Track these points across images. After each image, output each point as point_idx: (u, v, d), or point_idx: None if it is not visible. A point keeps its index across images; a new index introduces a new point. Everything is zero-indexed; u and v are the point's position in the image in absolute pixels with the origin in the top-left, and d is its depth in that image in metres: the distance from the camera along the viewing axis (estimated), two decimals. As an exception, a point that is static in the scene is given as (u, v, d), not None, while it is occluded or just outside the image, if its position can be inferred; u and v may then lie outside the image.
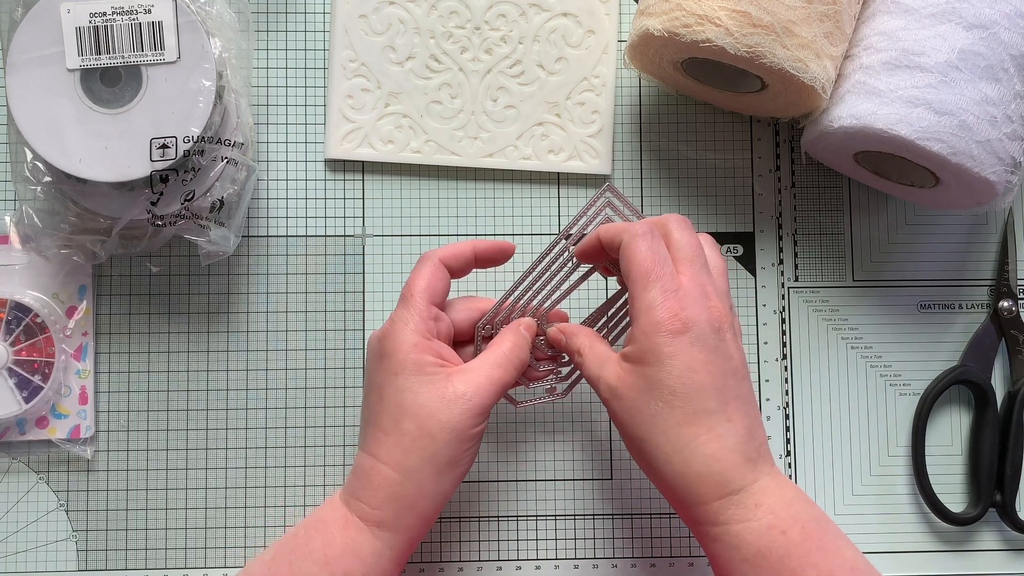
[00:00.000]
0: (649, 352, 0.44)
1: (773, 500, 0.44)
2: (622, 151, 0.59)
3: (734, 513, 0.44)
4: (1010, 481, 0.57)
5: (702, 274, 0.46)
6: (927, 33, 0.49)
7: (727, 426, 0.44)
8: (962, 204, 0.54)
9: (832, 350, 0.59)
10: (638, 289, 0.45)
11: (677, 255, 0.46)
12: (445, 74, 0.58)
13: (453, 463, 0.47)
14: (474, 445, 0.48)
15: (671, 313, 0.44)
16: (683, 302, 0.44)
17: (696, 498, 0.44)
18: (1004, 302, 0.58)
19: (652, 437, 0.44)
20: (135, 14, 0.50)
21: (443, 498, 0.48)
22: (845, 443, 0.58)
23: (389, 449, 0.47)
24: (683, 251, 0.46)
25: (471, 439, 0.47)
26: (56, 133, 0.50)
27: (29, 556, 0.56)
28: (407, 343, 0.47)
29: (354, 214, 0.58)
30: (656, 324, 0.44)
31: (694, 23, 0.48)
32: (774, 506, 0.44)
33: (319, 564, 0.46)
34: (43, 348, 0.55)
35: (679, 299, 0.44)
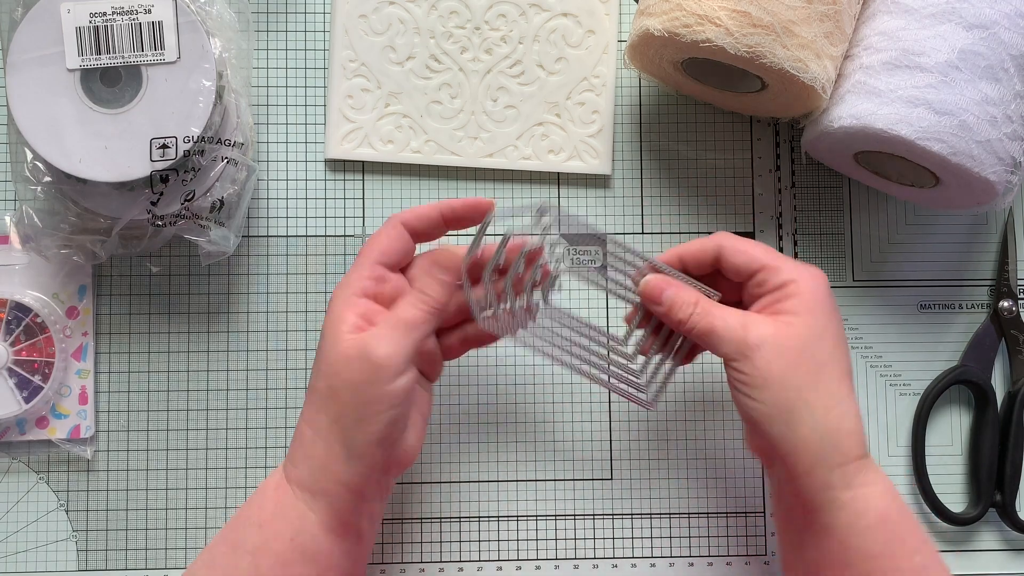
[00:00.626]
0: (817, 304, 0.46)
1: (881, 489, 0.45)
2: (622, 151, 0.59)
3: (866, 476, 0.45)
4: (1010, 481, 0.57)
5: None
6: (927, 33, 0.49)
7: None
8: (962, 204, 0.54)
9: (832, 350, 0.59)
10: (775, 261, 0.47)
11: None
12: (445, 74, 0.58)
13: (361, 423, 0.44)
14: (388, 406, 0.45)
15: (821, 275, 0.47)
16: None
17: (842, 457, 0.45)
18: (1004, 302, 0.58)
19: (813, 390, 0.45)
20: (135, 14, 0.50)
21: (363, 465, 0.45)
22: (845, 443, 0.58)
23: (307, 407, 0.47)
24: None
25: (380, 399, 0.44)
26: (56, 133, 0.50)
27: (29, 556, 0.56)
28: (336, 303, 0.46)
29: (354, 214, 0.58)
30: (819, 279, 0.47)
31: (694, 23, 0.48)
32: (880, 471, 0.46)
33: (254, 527, 0.46)
34: (43, 348, 0.55)
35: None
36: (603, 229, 0.59)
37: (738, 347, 0.46)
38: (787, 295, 0.46)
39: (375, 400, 0.44)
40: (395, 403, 0.45)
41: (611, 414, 0.58)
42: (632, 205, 0.59)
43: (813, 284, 0.47)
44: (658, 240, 0.59)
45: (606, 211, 0.59)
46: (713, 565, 0.57)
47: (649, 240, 0.59)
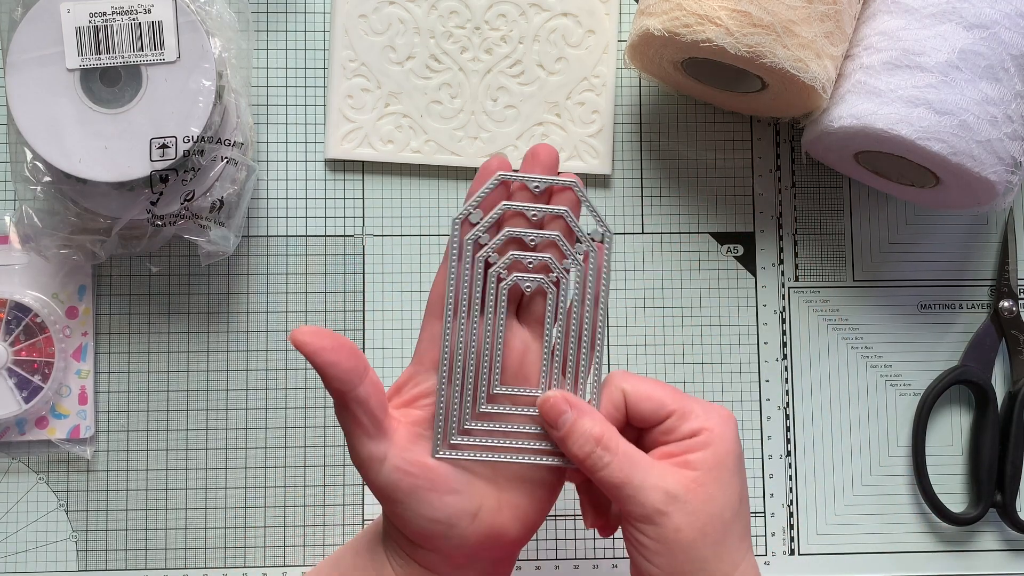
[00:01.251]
0: (728, 455, 0.42)
1: None
2: (622, 151, 0.59)
3: None
4: (1010, 481, 0.57)
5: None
6: (927, 33, 0.49)
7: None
8: (962, 204, 0.54)
9: (832, 350, 0.59)
10: (684, 404, 0.43)
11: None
12: (445, 74, 0.58)
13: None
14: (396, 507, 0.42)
15: (731, 420, 0.43)
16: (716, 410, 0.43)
17: None
18: (1004, 302, 0.58)
19: (717, 560, 0.41)
20: (135, 14, 0.50)
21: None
22: (845, 443, 0.58)
23: None
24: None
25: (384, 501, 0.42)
26: (56, 133, 0.50)
27: (29, 556, 0.56)
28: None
29: (354, 214, 0.58)
30: (729, 425, 0.42)
31: (694, 23, 0.48)
32: None
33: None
34: (43, 348, 0.55)
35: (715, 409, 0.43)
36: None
37: (649, 511, 0.40)
38: (697, 445, 0.42)
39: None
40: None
41: (611, 414, 0.58)
42: (632, 205, 0.59)
43: (723, 431, 0.42)
44: (658, 240, 0.59)
45: (606, 211, 0.59)
46: (713, 565, 0.57)
47: (649, 240, 0.59)
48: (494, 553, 0.44)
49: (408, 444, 0.42)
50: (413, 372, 0.44)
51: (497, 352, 0.43)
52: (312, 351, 0.40)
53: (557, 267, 0.43)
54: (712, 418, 0.42)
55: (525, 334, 0.45)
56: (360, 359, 0.41)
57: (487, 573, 0.45)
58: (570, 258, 0.44)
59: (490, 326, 0.43)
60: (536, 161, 0.44)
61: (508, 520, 0.43)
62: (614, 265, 0.58)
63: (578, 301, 0.44)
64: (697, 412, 0.42)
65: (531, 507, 0.44)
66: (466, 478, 0.43)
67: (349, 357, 0.40)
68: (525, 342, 0.45)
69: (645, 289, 0.58)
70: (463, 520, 0.42)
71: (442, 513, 0.42)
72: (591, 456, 0.41)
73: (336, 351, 0.40)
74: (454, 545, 0.42)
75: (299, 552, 0.56)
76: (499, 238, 0.43)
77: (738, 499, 0.42)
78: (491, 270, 0.43)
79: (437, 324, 0.43)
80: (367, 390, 0.41)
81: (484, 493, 0.43)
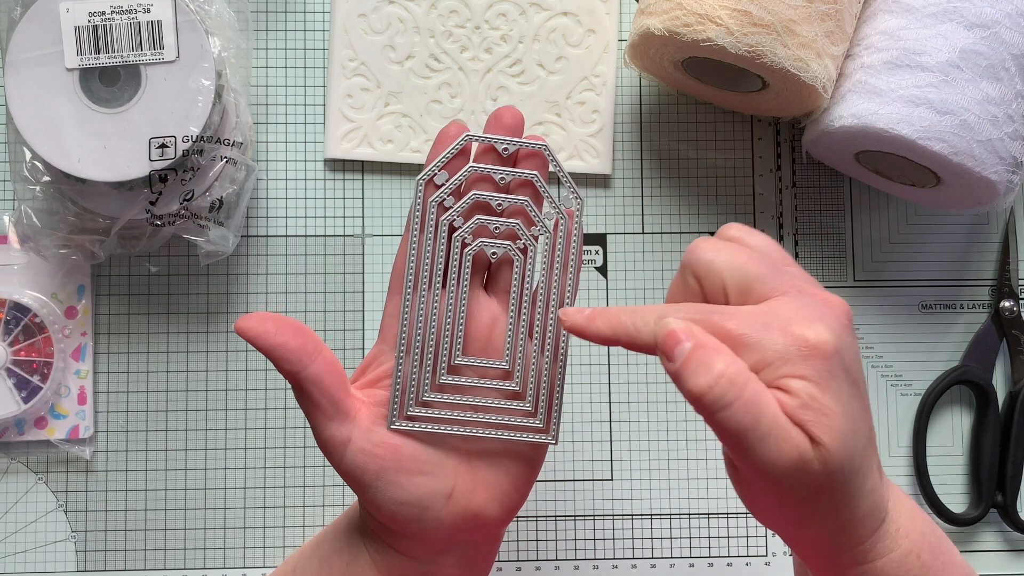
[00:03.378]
0: (839, 371, 0.34)
1: (904, 519, 0.38)
2: (622, 151, 0.59)
3: (884, 546, 0.37)
4: (1011, 482, 0.57)
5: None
6: (928, 32, 0.49)
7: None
8: (963, 204, 0.54)
9: (833, 350, 0.58)
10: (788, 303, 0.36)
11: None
12: (445, 73, 0.58)
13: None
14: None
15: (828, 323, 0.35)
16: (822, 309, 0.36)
17: (857, 538, 0.37)
18: (1005, 302, 0.58)
19: (857, 480, 0.35)
20: (134, 13, 0.50)
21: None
22: (846, 443, 0.58)
23: None
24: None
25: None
26: (55, 132, 0.50)
27: (28, 557, 0.56)
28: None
29: (354, 214, 0.58)
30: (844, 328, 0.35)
31: (695, 22, 0.48)
32: (906, 526, 0.37)
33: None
34: (42, 348, 0.55)
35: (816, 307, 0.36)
36: (603, 229, 0.59)
37: (781, 465, 0.34)
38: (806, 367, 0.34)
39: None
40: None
41: (611, 414, 0.58)
42: (632, 205, 0.59)
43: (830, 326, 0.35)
44: (658, 240, 0.58)
45: (606, 211, 0.58)
46: (713, 566, 0.57)
47: (649, 240, 0.58)
48: (473, 536, 0.42)
49: (372, 425, 0.41)
50: (377, 351, 0.43)
51: (460, 321, 0.42)
52: (254, 335, 0.39)
53: (525, 234, 0.42)
54: (788, 359, 0.34)
55: (494, 306, 0.43)
56: (308, 337, 0.40)
57: (468, 557, 0.43)
58: (539, 225, 0.42)
59: (453, 294, 0.42)
60: (500, 124, 0.42)
61: (485, 501, 0.41)
62: (614, 263, 0.58)
63: (546, 268, 0.42)
64: (767, 355, 0.34)
65: (509, 485, 0.42)
66: (437, 458, 0.41)
67: (295, 336, 0.39)
68: (493, 314, 0.43)
69: (645, 289, 0.58)
70: (436, 502, 0.40)
71: (412, 495, 0.40)
72: (710, 392, 0.33)
73: (280, 332, 0.39)
74: (429, 529, 0.40)
75: (299, 552, 0.56)
76: (465, 201, 0.41)
77: (866, 416, 0.36)
78: (455, 235, 0.42)
79: (400, 298, 0.42)
80: (320, 368, 0.39)
81: (457, 473, 0.41)
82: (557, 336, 0.42)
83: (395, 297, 0.42)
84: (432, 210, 0.41)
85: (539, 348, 0.42)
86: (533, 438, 0.42)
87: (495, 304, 0.43)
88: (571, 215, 0.42)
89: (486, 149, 0.42)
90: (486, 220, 0.42)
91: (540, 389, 0.42)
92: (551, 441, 0.42)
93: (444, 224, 0.41)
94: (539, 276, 0.42)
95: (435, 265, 0.41)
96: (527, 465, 0.43)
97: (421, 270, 0.41)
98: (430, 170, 0.41)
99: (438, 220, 0.41)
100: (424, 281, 0.41)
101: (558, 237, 0.42)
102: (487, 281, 0.44)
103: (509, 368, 0.42)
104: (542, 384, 0.42)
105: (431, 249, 0.41)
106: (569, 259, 0.42)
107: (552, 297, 0.42)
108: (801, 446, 0.33)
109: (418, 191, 0.41)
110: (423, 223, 0.41)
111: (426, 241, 0.41)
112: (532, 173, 0.42)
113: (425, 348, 0.42)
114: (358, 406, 0.41)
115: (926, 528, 0.38)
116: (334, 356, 0.40)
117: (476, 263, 0.42)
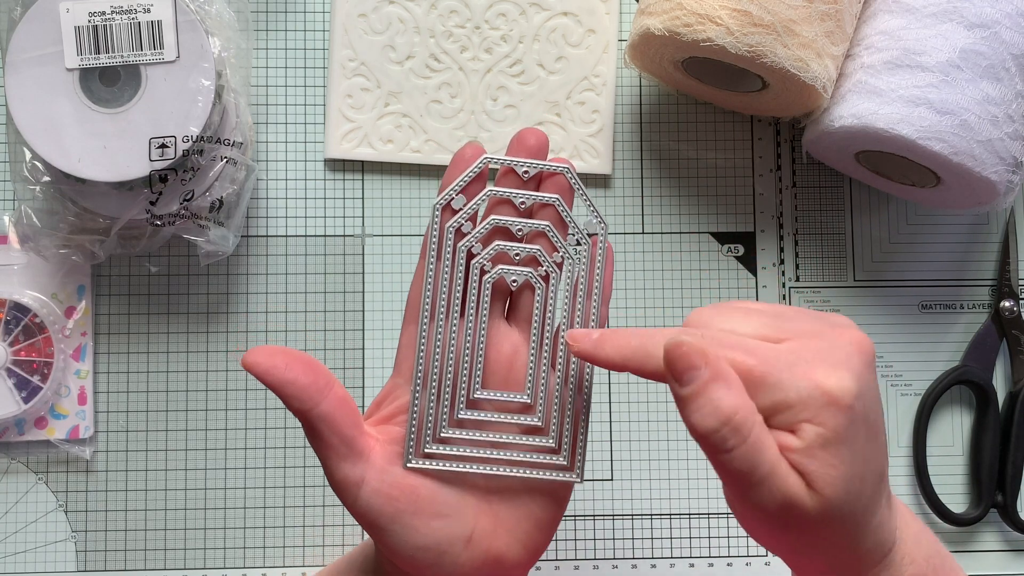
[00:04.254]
0: (848, 427, 0.33)
1: (909, 545, 0.37)
2: (622, 151, 0.59)
3: (888, 575, 0.36)
4: (1011, 482, 0.57)
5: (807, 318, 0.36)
6: (928, 32, 0.49)
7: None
8: (963, 204, 0.54)
9: (833, 350, 0.58)
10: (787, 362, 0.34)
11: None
12: (445, 73, 0.58)
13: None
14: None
15: (833, 387, 0.33)
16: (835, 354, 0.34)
17: (858, 571, 0.36)
18: (1005, 302, 0.58)
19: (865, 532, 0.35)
20: (134, 13, 0.50)
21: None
22: (846, 443, 0.58)
23: None
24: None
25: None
26: (55, 133, 0.50)
27: (28, 557, 0.56)
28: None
29: (354, 214, 0.58)
30: (835, 401, 0.33)
31: (695, 22, 0.48)
32: (911, 552, 0.37)
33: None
34: (42, 348, 0.55)
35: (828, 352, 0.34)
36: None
37: (775, 508, 0.33)
38: (811, 420, 0.33)
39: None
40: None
41: (611, 415, 0.58)
42: (632, 205, 0.59)
43: (833, 410, 0.34)
44: (658, 240, 0.58)
45: (606, 211, 0.58)
46: (714, 566, 0.57)
47: (649, 240, 0.58)
48: None
49: (387, 465, 0.39)
50: (392, 385, 0.41)
51: (479, 352, 0.40)
52: (263, 371, 0.37)
53: (547, 260, 0.40)
54: (809, 406, 0.33)
55: (515, 336, 0.41)
56: (320, 373, 0.38)
57: None
58: (561, 251, 0.40)
59: (472, 324, 0.40)
60: (524, 146, 0.40)
61: (506, 543, 0.39)
62: (615, 264, 0.58)
63: (569, 296, 0.40)
64: (789, 397, 0.33)
65: (532, 526, 0.40)
66: (455, 498, 0.39)
67: (306, 372, 0.37)
68: (514, 345, 0.41)
69: (645, 289, 0.58)
70: (455, 546, 0.38)
71: (430, 539, 0.38)
72: (715, 435, 0.32)
73: (290, 368, 0.37)
74: (447, 573, 0.39)
75: (299, 552, 0.56)
76: (484, 226, 0.40)
77: (880, 456, 0.35)
78: (474, 262, 0.40)
79: (416, 328, 0.40)
80: (332, 406, 0.37)
81: (477, 514, 0.39)
82: (581, 367, 0.40)
83: (410, 327, 0.41)
84: (449, 236, 0.40)
85: (562, 380, 0.40)
86: (557, 476, 0.40)
87: (516, 334, 0.41)
88: (595, 240, 0.41)
89: (505, 171, 0.40)
90: (506, 246, 0.40)
91: (564, 424, 0.40)
92: (576, 479, 0.40)
93: (462, 251, 0.40)
94: (562, 304, 0.41)
95: (453, 294, 0.40)
96: (551, 504, 0.40)
97: (438, 299, 0.39)
98: (447, 194, 0.40)
99: (455, 246, 0.40)
100: (441, 311, 0.39)
101: (582, 263, 0.40)
102: (508, 310, 0.42)
103: (531, 402, 0.40)
104: (566, 418, 0.40)
105: (448, 277, 0.40)
106: (593, 286, 0.40)
107: (576, 327, 0.40)
108: (795, 492, 0.33)
109: (435, 217, 0.40)
110: (440, 250, 0.40)
111: (443, 269, 0.40)
112: (554, 196, 0.40)
113: (443, 382, 0.40)
114: (372, 444, 0.39)
115: (931, 551, 0.38)
116: (346, 391, 0.38)
117: (496, 291, 0.41)
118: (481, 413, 0.40)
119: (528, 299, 0.41)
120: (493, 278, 0.40)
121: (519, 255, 0.40)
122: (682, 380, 0.33)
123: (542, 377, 0.40)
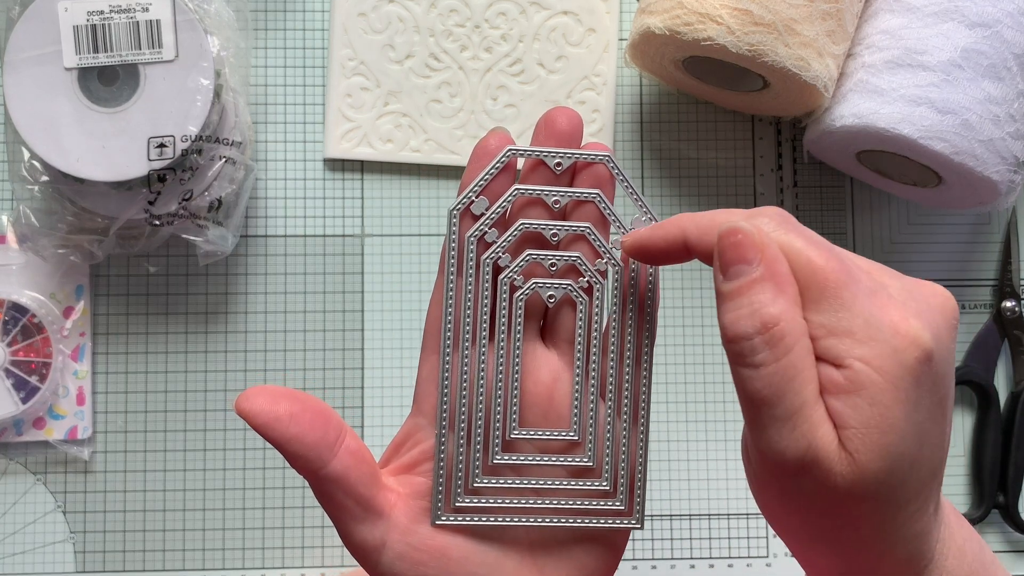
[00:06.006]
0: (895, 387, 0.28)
1: (951, 561, 0.31)
2: (623, 150, 0.59)
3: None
4: (1013, 482, 0.57)
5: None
6: (930, 32, 0.49)
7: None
8: (965, 204, 0.54)
9: (834, 350, 0.58)
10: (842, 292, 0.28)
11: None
12: (445, 73, 0.58)
13: None
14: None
15: (904, 333, 0.28)
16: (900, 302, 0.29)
17: None
18: (1007, 302, 0.58)
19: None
20: (132, 12, 0.50)
21: None
22: (847, 444, 0.58)
23: None
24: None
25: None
26: (53, 132, 0.50)
27: (27, 558, 0.56)
28: None
29: (353, 213, 0.58)
30: (901, 351, 0.28)
31: (695, 21, 0.48)
32: (953, 568, 0.31)
33: None
34: (40, 348, 0.55)
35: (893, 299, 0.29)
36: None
37: (791, 461, 0.28)
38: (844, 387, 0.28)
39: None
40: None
41: (612, 415, 0.57)
42: (632, 205, 0.58)
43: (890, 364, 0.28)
44: (659, 240, 0.58)
45: (606, 211, 0.58)
46: (715, 567, 0.57)
47: (650, 240, 0.58)
48: None
49: (411, 524, 0.33)
50: (412, 426, 0.35)
51: (514, 383, 0.34)
52: (263, 423, 0.31)
53: (589, 269, 0.34)
54: (874, 341, 0.27)
55: (554, 361, 0.35)
56: (329, 424, 0.32)
57: None
58: (605, 256, 0.34)
59: (503, 352, 0.34)
60: (552, 131, 0.34)
61: None
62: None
63: (618, 310, 0.34)
64: (854, 323, 0.28)
65: None
66: (493, 557, 0.34)
67: (313, 426, 0.31)
68: (554, 371, 0.35)
69: (646, 289, 0.58)
70: None
71: None
72: (744, 343, 0.28)
73: (295, 420, 0.31)
74: None
75: (298, 554, 0.56)
76: (511, 233, 0.34)
77: (940, 447, 0.30)
78: (502, 276, 0.34)
79: (439, 358, 0.34)
80: (345, 464, 0.32)
81: (519, 573, 0.34)
82: (636, 394, 0.34)
83: (431, 357, 0.34)
84: (471, 247, 0.33)
85: (614, 410, 0.34)
86: (614, 523, 0.34)
87: (555, 358, 0.35)
88: None
89: (534, 165, 0.34)
90: (539, 255, 0.34)
91: (619, 462, 0.34)
92: (636, 526, 0.34)
93: (487, 264, 0.34)
94: (608, 320, 0.35)
95: (479, 316, 0.33)
96: (606, 554, 0.35)
97: (462, 323, 0.33)
98: (466, 196, 0.33)
99: (479, 259, 0.33)
100: (467, 336, 0.33)
101: (629, 269, 0.34)
102: (544, 330, 0.35)
103: (578, 438, 0.34)
104: (620, 455, 0.34)
105: (473, 296, 0.33)
106: (645, 296, 0.34)
107: (628, 345, 0.34)
108: (823, 445, 0.27)
109: (452, 224, 0.33)
110: (461, 264, 0.33)
111: (466, 286, 0.33)
112: (594, 192, 0.34)
113: (472, 421, 0.34)
114: (393, 500, 0.33)
115: (976, 566, 0.32)
116: (359, 441, 0.33)
117: (529, 309, 0.34)
118: (520, 456, 0.34)
119: (568, 316, 0.35)
120: (526, 295, 0.34)
121: (555, 265, 0.34)
122: (727, 273, 0.28)
123: (590, 408, 0.34)
